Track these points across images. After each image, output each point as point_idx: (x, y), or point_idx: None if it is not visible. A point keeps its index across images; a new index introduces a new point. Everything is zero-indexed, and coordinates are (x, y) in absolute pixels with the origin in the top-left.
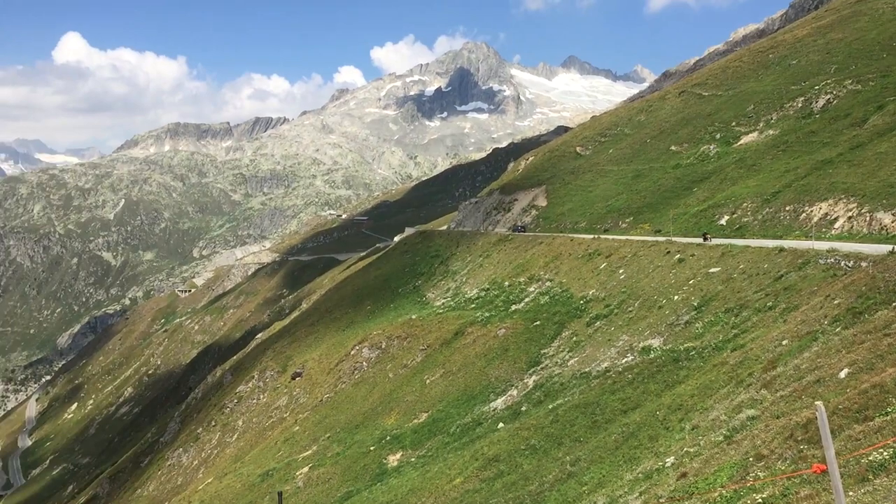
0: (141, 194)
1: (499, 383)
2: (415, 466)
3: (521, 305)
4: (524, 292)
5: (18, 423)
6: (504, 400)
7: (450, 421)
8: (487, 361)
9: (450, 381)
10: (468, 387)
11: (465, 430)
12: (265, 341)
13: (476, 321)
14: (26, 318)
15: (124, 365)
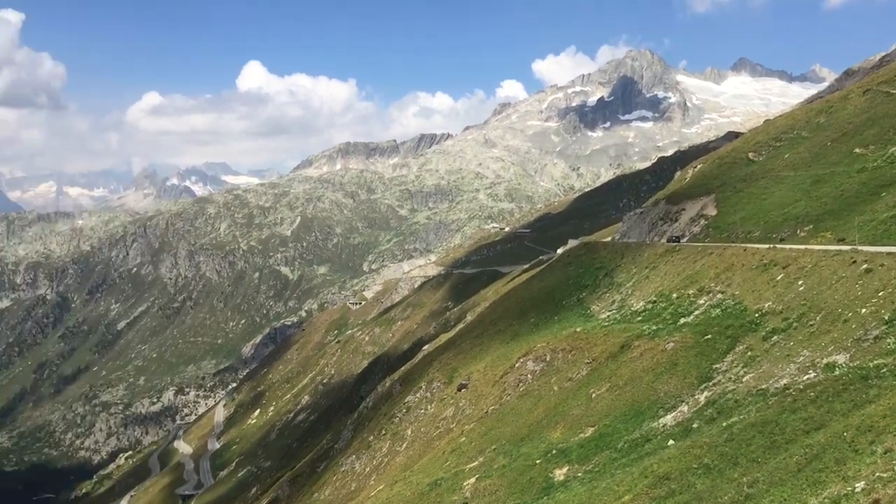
0: (315, 211)
1: (668, 399)
2: (582, 481)
3: (691, 318)
4: (693, 305)
5: (208, 427)
6: (674, 416)
7: (617, 436)
8: (655, 376)
9: (616, 396)
10: (636, 401)
11: (633, 446)
12: (432, 353)
13: (643, 334)
14: (214, 329)
15: (301, 374)
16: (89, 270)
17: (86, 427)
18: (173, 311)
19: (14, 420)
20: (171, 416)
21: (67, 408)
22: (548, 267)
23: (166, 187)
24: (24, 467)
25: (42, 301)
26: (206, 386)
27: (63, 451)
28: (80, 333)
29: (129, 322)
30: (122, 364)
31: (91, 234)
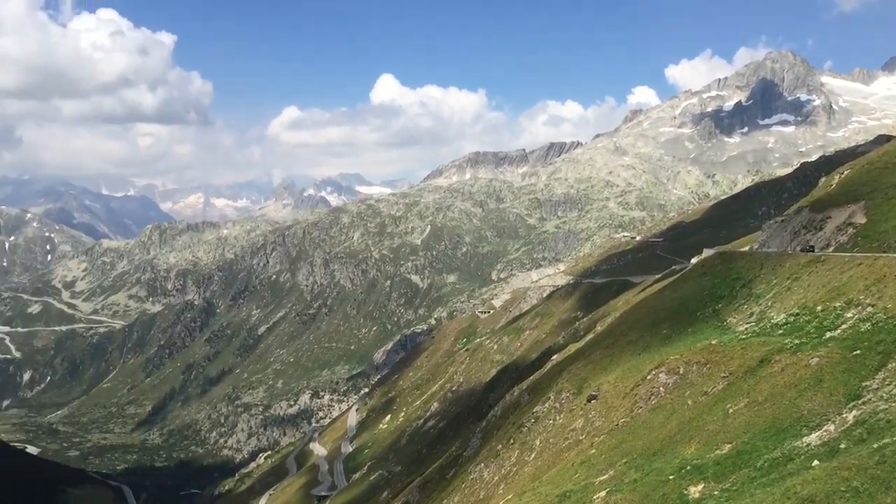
0: (445, 220)
1: (812, 417)
2: (718, 500)
3: (837, 333)
4: (840, 318)
5: (342, 431)
6: (819, 435)
7: (756, 454)
8: (798, 392)
9: (755, 412)
10: (776, 418)
11: (773, 465)
12: (560, 363)
13: (784, 348)
14: (348, 336)
15: (430, 381)
16: (233, 277)
17: (229, 427)
18: (309, 318)
19: (164, 418)
20: (307, 418)
21: (212, 408)
22: (681, 277)
23: (303, 198)
24: (173, 463)
25: (190, 306)
26: (340, 390)
27: (208, 450)
28: (224, 337)
29: (268, 327)
30: (262, 367)
31: (234, 243)
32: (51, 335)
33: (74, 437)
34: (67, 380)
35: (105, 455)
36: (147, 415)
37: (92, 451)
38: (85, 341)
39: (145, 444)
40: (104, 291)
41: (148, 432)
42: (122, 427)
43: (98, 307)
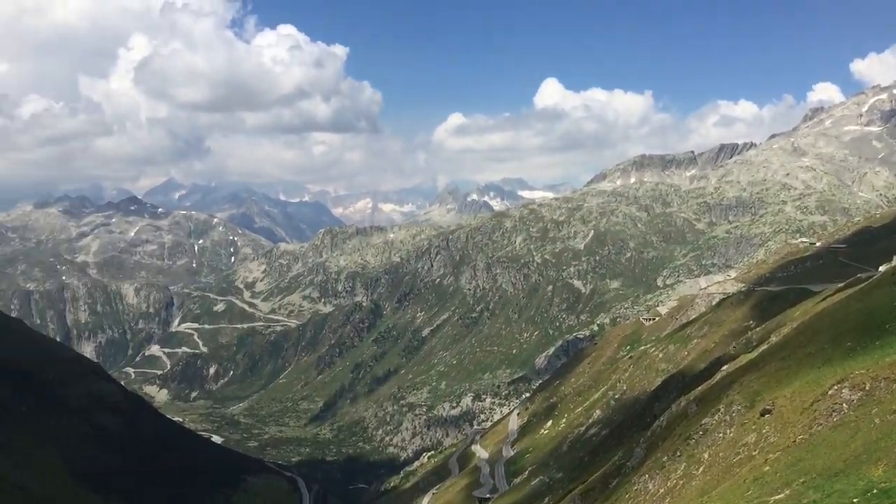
0: (608, 225)
1: None
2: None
3: None
4: None
5: (503, 434)
6: None
7: None
8: None
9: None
10: None
11: None
12: (731, 374)
13: None
14: (509, 340)
15: (592, 388)
16: (398, 280)
17: (394, 425)
18: (472, 321)
19: (335, 414)
20: (469, 420)
21: (379, 406)
22: (868, 286)
23: (467, 202)
24: (342, 458)
25: (359, 307)
26: (501, 394)
27: (374, 446)
28: (390, 338)
29: (432, 329)
30: (425, 368)
31: (400, 247)
32: (233, 332)
33: (254, 429)
34: (248, 375)
35: (281, 447)
36: (319, 410)
37: (269, 442)
38: (263, 339)
39: (317, 438)
40: (281, 292)
41: (319, 427)
42: (296, 421)
43: (275, 307)
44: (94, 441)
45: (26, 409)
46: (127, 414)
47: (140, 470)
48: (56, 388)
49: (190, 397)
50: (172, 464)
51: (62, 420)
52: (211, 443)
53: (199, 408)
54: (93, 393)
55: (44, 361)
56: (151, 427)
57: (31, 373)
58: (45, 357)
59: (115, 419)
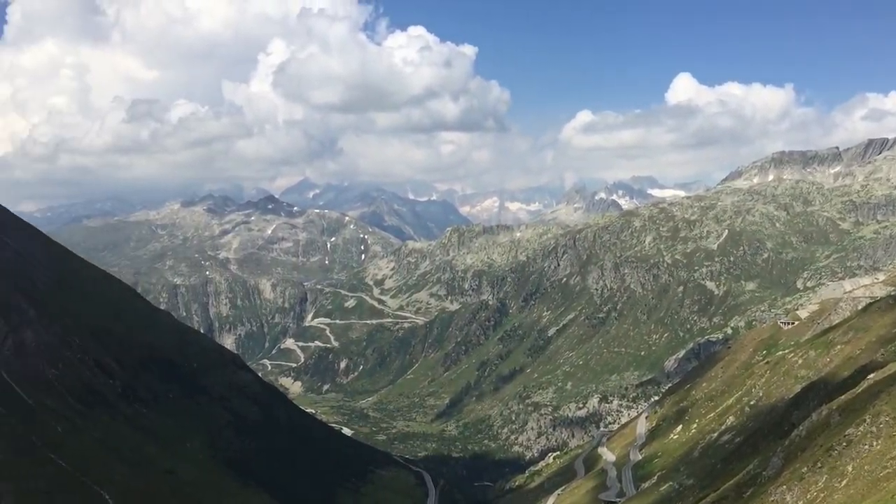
0: (743, 225)
1: None
2: None
3: None
4: None
5: (630, 438)
6: None
7: None
8: None
9: None
10: None
11: None
12: (878, 383)
13: None
14: (637, 341)
15: (726, 393)
16: (524, 279)
17: (519, 424)
18: (598, 321)
19: (460, 411)
20: (595, 422)
21: (504, 405)
22: None
23: (595, 201)
24: (468, 455)
25: (485, 306)
26: (629, 396)
27: (500, 445)
28: (515, 337)
29: (558, 329)
30: (551, 368)
31: (527, 246)
32: (363, 328)
33: (382, 423)
34: (377, 369)
35: (408, 441)
36: (444, 407)
37: (396, 436)
38: (392, 335)
39: (443, 434)
40: (409, 289)
41: (445, 423)
42: (422, 417)
43: (403, 304)
44: (234, 428)
45: (173, 396)
46: (264, 404)
47: (276, 457)
48: (200, 377)
49: (322, 390)
50: (305, 453)
51: (205, 407)
52: (342, 434)
53: (330, 400)
54: (233, 383)
55: (189, 351)
56: (286, 417)
57: (178, 362)
58: (190, 347)
59: (254, 408)
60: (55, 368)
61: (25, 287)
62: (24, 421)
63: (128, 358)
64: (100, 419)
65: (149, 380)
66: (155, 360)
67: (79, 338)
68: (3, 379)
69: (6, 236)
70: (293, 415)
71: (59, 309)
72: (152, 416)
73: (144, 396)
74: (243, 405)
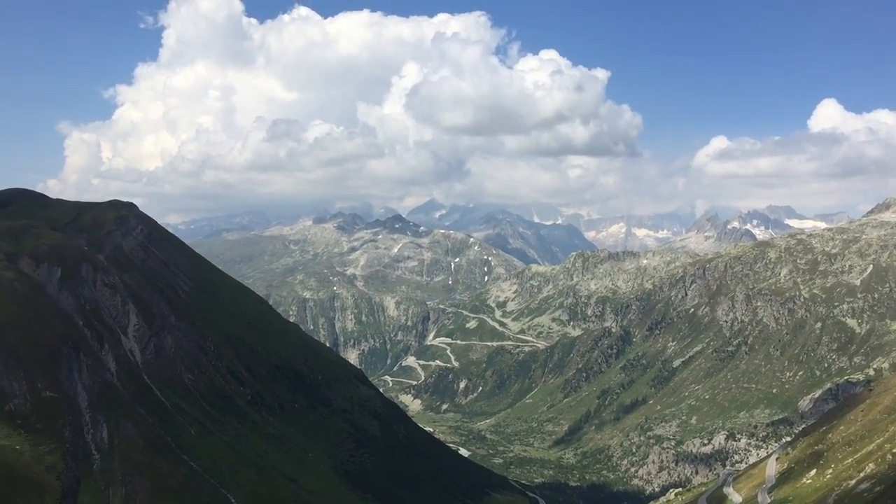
0: (890, 260)
1: None
2: None
3: None
4: None
5: (759, 479)
6: None
7: None
8: None
9: None
10: None
11: None
12: None
13: None
14: (769, 378)
15: (866, 438)
16: (650, 308)
17: (640, 457)
18: (727, 355)
19: (579, 439)
20: (721, 459)
21: (624, 435)
22: None
23: (727, 230)
24: (585, 485)
25: (608, 333)
26: (759, 435)
27: (618, 476)
28: (638, 367)
29: (683, 361)
30: (675, 401)
31: (653, 274)
32: (484, 349)
33: (499, 446)
34: (496, 392)
35: (524, 466)
36: (563, 434)
37: (513, 461)
38: (512, 358)
39: (560, 461)
40: (531, 313)
41: (563, 451)
42: (540, 442)
43: (524, 327)
44: (355, 441)
45: (298, 406)
46: (384, 419)
47: (393, 472)
48: (324, 390)
49: (441, 409)
50: (422, 470)
51: (328, 419)
52: (458, 455)
53: (448, 420)
54: (355, 397)
55: (315, 364)
56: (405, 433)
57: (304, 374)
58: (316, 360)
59: (374, 423)
60: (191, 373)
61: (169, 295)
62: (162, 422)
63: (258, 367)
64: (230, 424)
65: (276, 389)
66: (283, 371)
67: (214, 345)
68: (144, 381)
69: (154, 246)
70: (412, 432)
71: (197, 317)
72: (278, 424)
73: (272, 405)
74: (364, 419)
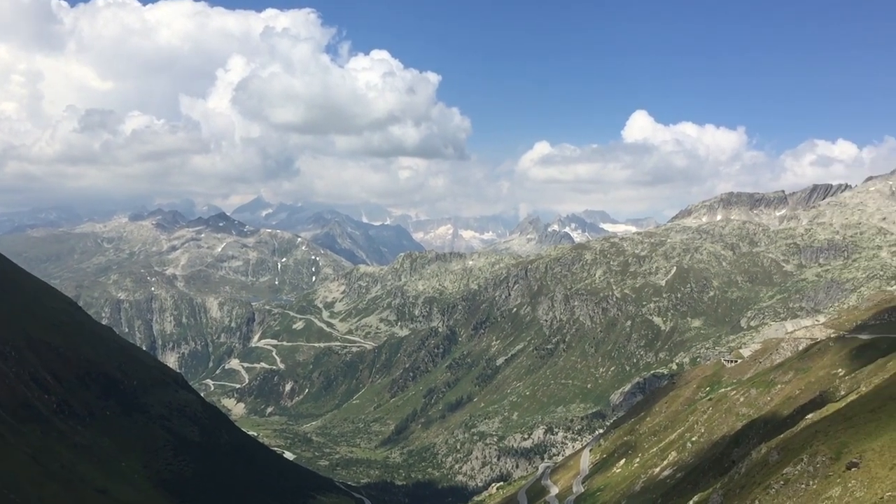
0: (692, 262)
1: None
2: None
3: None
4: None
5: (574, 470)
6: None
7: None
8: None
9: None
10: None
11: None
12: (816, 423)
13: None
14: (584, 374)
15: (669, 429)
16: (475, 307)
17: (464, 453)
18: (547, 353)
19: (406, 438)
20: (540, 453)
21: (450, 433)
22: None
23: (547, 233)
24: (411, 483)
25: (434, 333)
26: (574, 428)
27: (443, 473)
28: (464, 365)
29: (506, 359)
30: (498, 398)
31: (479, 274)
32: (311, 350)
33: (325, 448)
34: (322, 393)
35: (351, 468)
36: (390, 433)
37: (340, 462)
38: (339, 359)
39: (387, 461)
40: (359, 313)
41: (390, 450)
42: (367, 443)
43: (352, 328)
44: (173, 448)
45: (111, 413)
46: (205, 424)
47: (215, 479)
48: (139, 396)
49: (265, 412)
50: (245, 476)
51: (143, 426)
52: (283, 459)
53: (273, 423)
54: (174, 402)
55: (129, 369)
56: (227, 439)
57: (117, 379)
58: (130, 364)
59: (194, 429)
60: None
61: None
62: None
63: (65, 373)
64: (32, 435)
65: (86, 396)
66: (93, 377)
67: (15, 350)
68: None
69: None
70: (234, 437)
71: None
72: (87, 433)
73: (80, 413)
74: (183, 425)
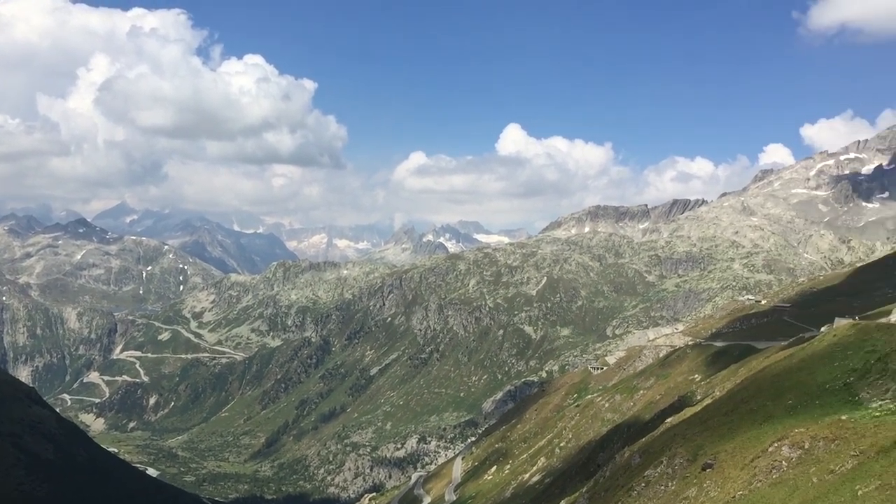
0: (561, 273)
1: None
2: None
3: None
4: None
5: (447, 478)
6: None
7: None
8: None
9: (888, 496)
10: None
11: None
12: (675, 426)
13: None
14: (458, 383)
15: (538, 435)
16: (349, 317)
17: (337, 465)
18: (421, 362)
19: (277, 451)
20: (413, 462)
21: (322, 444)
22: (809, 345)
23: (422, 243)
24: (281, 496)
25: (307, 343)
26: (447, 437)
27: (315, 486)
28: (337, 375)
29: (380, 369)
30: (372, 408)
31: (353, 284)
32: (177, 362)
33: (192, 463)
34: (189, 406)
35: (219, 483)
36: (261, 446)
37: (207, 477)
38: (208, 370)
39: (257, 475)
40: (229, 323)
41: (260, 464)
42: (236, 457)
43: (222, 338)
44: (25, 467)
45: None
46: (60, 441)
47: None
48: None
49: (127, 427)
50: (104, 495)
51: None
52: (146, 475)
53: (136, 438)
54: (26, 418)
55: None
56: (85, 456)
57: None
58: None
59: (48, 446)
60: None
61: None
62: None
63: None
64: None
65: None
66: None
67: None
68: None
69: None
70: (93, 453)
71: None
72: None
73: None
74: (36, 442)
